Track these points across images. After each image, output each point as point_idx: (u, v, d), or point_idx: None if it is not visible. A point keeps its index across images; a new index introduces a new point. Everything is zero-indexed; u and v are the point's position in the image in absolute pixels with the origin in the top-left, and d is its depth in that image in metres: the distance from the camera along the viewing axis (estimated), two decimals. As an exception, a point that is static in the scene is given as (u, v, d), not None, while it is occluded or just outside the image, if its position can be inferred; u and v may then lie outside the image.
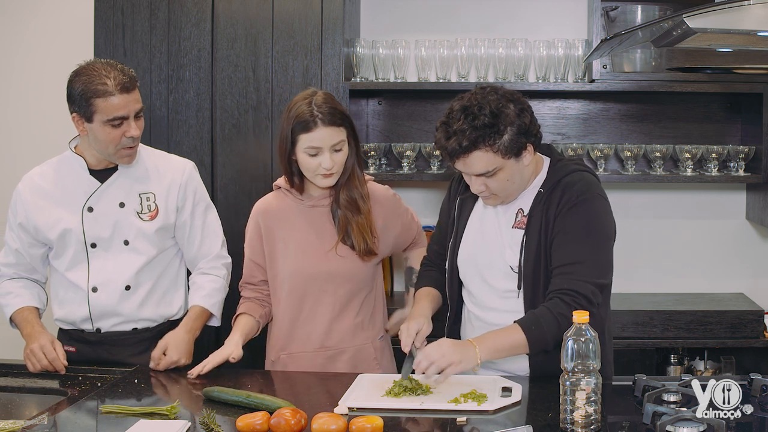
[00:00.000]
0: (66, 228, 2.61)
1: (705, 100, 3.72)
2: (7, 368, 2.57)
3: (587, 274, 2.30)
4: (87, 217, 2.62)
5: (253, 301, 2.70)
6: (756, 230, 3.80)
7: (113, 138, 2.54)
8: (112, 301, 2.63)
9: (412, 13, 3.81)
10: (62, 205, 2.63)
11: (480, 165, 2.29)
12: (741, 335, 3.41)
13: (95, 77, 2.50)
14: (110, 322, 2.65)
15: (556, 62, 3.53)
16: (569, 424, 1.97)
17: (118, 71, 2.53)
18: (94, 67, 2.54)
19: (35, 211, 2.64)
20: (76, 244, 2.63)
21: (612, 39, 2.18)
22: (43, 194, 2.65)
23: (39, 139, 3.93)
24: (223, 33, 3.46)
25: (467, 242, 2.49)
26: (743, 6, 1.78)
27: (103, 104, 2.50)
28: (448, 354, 2.20)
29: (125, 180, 2.66)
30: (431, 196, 3.83)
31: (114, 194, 2.64)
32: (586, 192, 2.35)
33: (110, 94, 2.49)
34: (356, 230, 2.59)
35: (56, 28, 3.90)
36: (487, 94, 2.30)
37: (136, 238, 2.64)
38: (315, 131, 2.51)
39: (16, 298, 2.68)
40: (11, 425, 2.06)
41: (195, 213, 2.73)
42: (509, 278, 2.40)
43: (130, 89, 2.53)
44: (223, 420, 2.09)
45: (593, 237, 2.33)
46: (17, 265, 2.71)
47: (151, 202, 2.66)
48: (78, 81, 2.52)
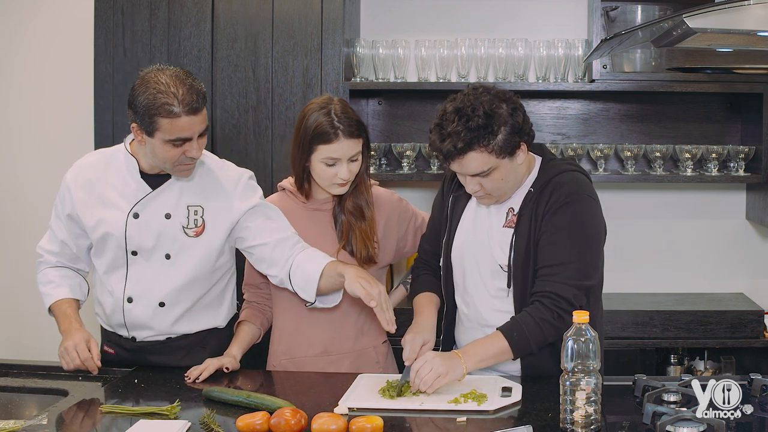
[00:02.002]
0: (108, 231, 2.49)
1: (705, 100, 3.72)
2: (7, 368, 2.56)
3: (570, 276, 2.30)
4: (131, 223, 2.48)
5: (255, 306, 2.70)
6: (756, 230, 3.80)
7: (173, 157, 2.37)
8: (146, 315, 2.53)
9: (412, 13, 3.80)
10: (108, 206, 2.50)
11: (475, 165, 2.30)
12: (741, 335, 3.41)
13: (162, 93, 2.29)
14: (144, 334, 2.57)
15: (556, 62, 3.53)
16: (569, 424, 1.97)
17: (187, 88, 2.31)
18: (161, 79, 2.32)
19: (81, 206, 2.52)
20: (116, 249, 2.50)
21: (612, 39, 2.18)
22: (91, 189, 2.52)
23: (39, 139, 3.93)
24: (223, 33, 3.46)
25: (459, 240, 2.49)
26: (743, 6, 1.78)
27: (168, 125, 2.30)
28: (436, 367, 2.23)
29: (176, 189, 2.50)
30: (431, 196, 3.80)
31: (162, 203, 2.49)
32: (574, 193, 2.35)
33: (176, 115, 2.29)
34: (359, 237, 2.58)
35: (56, 28, 3.90)
36: (480, 94, 2.30)
37: (178, 253, 2.50)
38: (335, 143, 2.48)
39: (57, 289, 2.58)
40: (11, 425, 2.06)
41: (254, 212, 2.54)
42: (499, 277, 2.41)
43: (198, 110, 2.33)
44: (223, 420, 2.09)
45: (579, 238, 2.34)
46: (61, 254, 2.61)
47: (198, 216, 2.50)
48: (142, 92, 2.32)
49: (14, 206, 3.97)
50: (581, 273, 2.32)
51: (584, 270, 2.33)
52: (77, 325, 2.51)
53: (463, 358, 2.28)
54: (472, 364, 2.29)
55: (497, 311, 2.41)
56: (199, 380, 2.42)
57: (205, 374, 2.44)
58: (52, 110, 3.93)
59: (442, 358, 2.27)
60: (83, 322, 2.56)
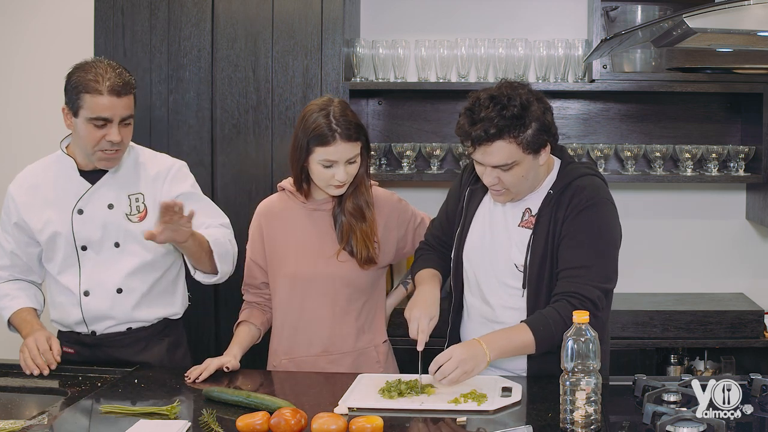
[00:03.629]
0: (56, 231, 2.59)
1: (705, 100, 3.72)
2: (7, 368, 2.56)
3: (593, 278, 2.31)
4: (77, 219, 2.59)
5: (254, 307, 2.70)
6: (756, 230, 3.80)
7: (93, 138, 2.51)
8: (105, 305, 2.60)
9: (412, 13, 3.81)
10: (52, 206, 2.61)
11: (500, 156, 2.29)
12: (741, 335, 3.41)
13: (90, 73, 2.49)
14: (104, 325, 2.63)
15: (556, 62, 3.53)
16: (569, 424, 1.97)
17: (116, 74, 2.50)
18: (93, 64, 2.52)
19: (26, 210, 2.62)
20: (66, 246, 2.60)
21: (612, 39, 2.18)
22: (34, 194, 2.63)
23: (39, 139, 3.92)
24: (223, 33, 3.46)
25: (474, 235, 2.49)
26: (743, 6, 1.78)
27: (90, 101, 2.48)
28: (462, 365, 2.20)
29: (114, 181, 2.62)
30: (431, 196, 3.82)
31: (103, 196, 2.60)
32: (595, 197, 2.37)
33: (99, 92, 2.47)
34: (359, 238, 2.58)
35: (56, 28, 3.90)
36: (516, 87, 2.33)
37: (126, 240, 2.60)
38: (332, 146, 2.48)
39: (13, 301, 2.66)
40: (11, 425, 2.06)
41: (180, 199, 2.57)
42: (513, 276, 2.41)
43: (121, 94, 2.49)
44: (223, 420, 2.09)
45: (601, 242, 2.35)
46: (12, 267, 2.69)
47: (140, 203, 2.63)
48: (75, 74, 2.52)
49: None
50: (603, 276, 2.34)
51: (605, 273, 2.35)
52: (39, 327, 2.60)
53: (486, 348, 2.25)
54: (495, 355, 2.26)
55: (510, 308, 2.41)
56: (200, 380, 2.43)
57: (206, 374, 2.44)
58: (52, 110, 3.91)
59: (467, 353, 2.22)
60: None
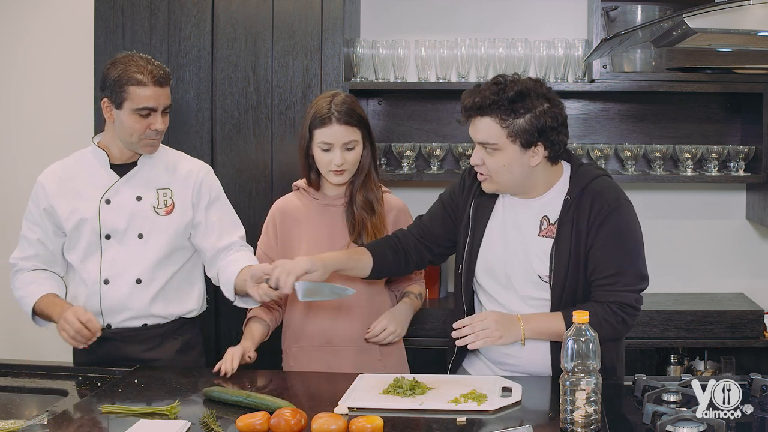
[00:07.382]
0: (82, 218, 2.63)
1: (705, 100, 3.72)
2: (7, 368, 2.56)
3: (629, 282, 2.35)
4: (104, 208, 2.64)
5: (264, 304, 2.71)
6: (756, 230, 3.80)
7: (139, 128, 2.58)
8: (123, 294, 2.64)
9: (412, 13, 3.81)
10: (81, 196, 2.66)
11: (484, 133, 2.33)
12: (741, 335, 3.41)
13: (133, 66, 2.56)
14: (120, 317, 2.65)
15: (556, 62, 3.53)
16: (569, 424, 1.97)
17: (155, 66, 2.60)
18: (133, 57, 2.60)
19: (56, 198, 2.66)
20: (90, 234, 2.64)
21: (612, 39, 2.18)
22: (64, 184, 2.68)
23: (39, 139, 3.93)
24: (223, 33, 3.46)
25: (488, 249, 2.47)
26: (743, 6, 1.78)
27: (136, 92, 2.55)
28: (491, 328, 2.29)
29: (144, 175, 2.69)
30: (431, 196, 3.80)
31: (132, 188, 2.67)
32: (615, 200, 2.37)
33: (144, 84, 2.55)
34: (370, 230, 2.65)
35: (56, 28, 3.90)
36: (528, 81, 2.34)
37: (150, 231, 2.66)
38: (329, 127, 2.60)
39: (40, 287, 2.65)
40: (11, 425, 2.06)
41: (210, 209, 2.74)
42: (537, 287, 2.40)
43: (164, 84, 2.60)
44: (223, 420, 2.09)
45: (629, 245, 2.37)
46: (36, 257, 2.70)
47: (168, 197, 2.69)
48: (115, 68, 2.58)
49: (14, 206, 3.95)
50: (637, 278, 2.37)
51: (639, 274, 2.38)
52: (69, 306, 2.56)
53: (524, 325, 2.33)
54: (530, 333, 2.34)
55: None
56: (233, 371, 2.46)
57: (236, 363, 2.48)
58: (53, 110, 3.93)
59: (501, 323, 2.31)
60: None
